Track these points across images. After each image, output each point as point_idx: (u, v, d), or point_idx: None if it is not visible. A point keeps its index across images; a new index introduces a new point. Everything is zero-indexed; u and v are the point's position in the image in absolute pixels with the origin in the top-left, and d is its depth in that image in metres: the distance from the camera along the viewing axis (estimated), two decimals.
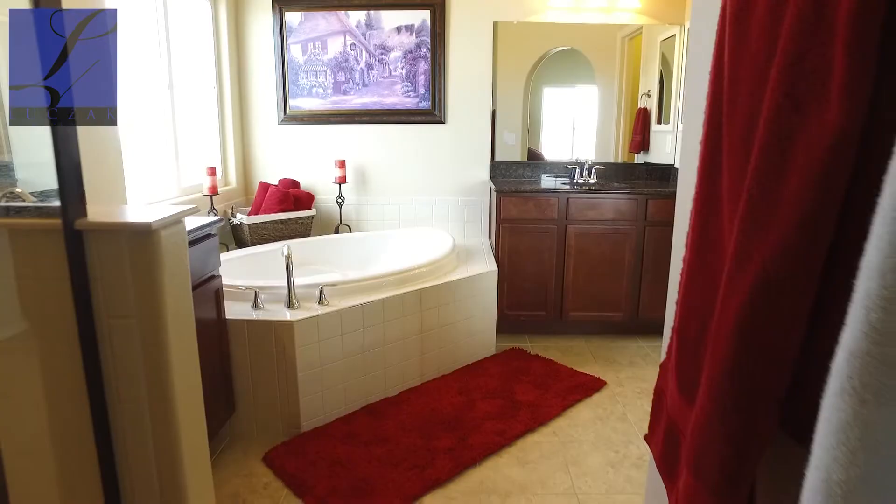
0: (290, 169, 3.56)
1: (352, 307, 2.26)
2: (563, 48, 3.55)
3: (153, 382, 0.92)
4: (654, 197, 3.03)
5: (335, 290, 2.34)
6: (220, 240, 3.10)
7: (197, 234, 1.83)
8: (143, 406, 0.94)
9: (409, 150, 3.53)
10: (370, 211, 3.61)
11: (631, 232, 3.07)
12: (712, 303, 0.65)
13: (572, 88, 3.69)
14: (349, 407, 2.33)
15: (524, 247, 3.09)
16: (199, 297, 1.87)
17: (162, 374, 0.93)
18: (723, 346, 0.55)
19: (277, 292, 2.28)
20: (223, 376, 2.07)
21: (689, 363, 0.75)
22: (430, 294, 2.54)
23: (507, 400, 2.45)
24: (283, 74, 3.42)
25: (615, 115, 3.69)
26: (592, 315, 3.18)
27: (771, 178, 0.51)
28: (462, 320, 2.73)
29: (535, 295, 3.14)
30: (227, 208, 3.27)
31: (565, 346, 3.12)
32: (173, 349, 0.95)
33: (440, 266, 2.74)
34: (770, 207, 0.51)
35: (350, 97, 3.45)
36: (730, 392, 0.54)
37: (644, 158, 3.69)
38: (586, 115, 3.67)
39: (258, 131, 3.53)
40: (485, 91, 3.46)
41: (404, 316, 2.45)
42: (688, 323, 0.76)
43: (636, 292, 3.14)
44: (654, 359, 2.96)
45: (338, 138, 3.52)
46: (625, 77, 3.64)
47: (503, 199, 3.05)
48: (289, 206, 3.25)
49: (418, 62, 3.40)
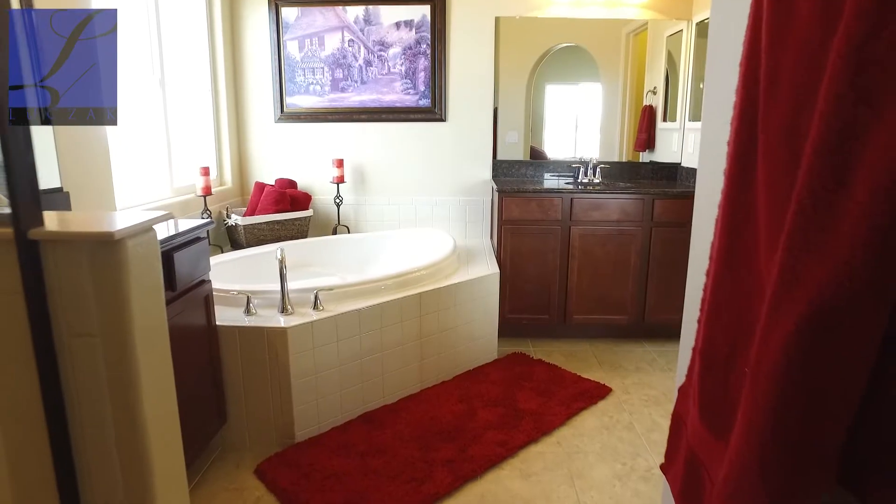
0: (287, 168, 3.48)
1: (348, 313, 2.17)
2: (567, 45, 3.46)
3: (120, 407, 0.84)
4: (661, 197, 2.94)
5: (331, 295, 2.26)
6: (215, 241, 3.03)
7: (185, 237, 1.75)
8: (109, 433, 0.85)
9: (409, 148, 3.44)
10: (369, 211, 3.52)
11: (637, 233, 2.98)
12: (747, 327, 0.56)
13: (575, 86, 3.60)
14: (345, 415, 2.24)
15: (527, 248, 3.00)
16: (188, 303, 1.79)
17: (130, 398, 0.84)
18: (765, 386, 0.46)
19: (271, 297, 2.19)
20: (214, 385, 1.98)
21: (716, 390, 0.67)
22: (430, 298, 2.46)
23: (510, 408, 2.36)
24: (279, 71, 3.34)
25: (619, 112, 3.60)
26: (597, 318, 3.09)
27: (829, 185, 0.42)
28: (463, 325, 2.64)
29: (537, 298, 3.06)
30: (223, 209, 3.18)
31: (569, 350, 3.03)
32: (143, 370, 0.86)
33: (440, 269, 2.65)
34: (827, 221, 0.42)
35: (348, 95, 3.36)
36: (773, 443, 0.45)
37: (649, 157, 3.60)
38: (590, 113, 3.58)
39: (254, 130, 3.44)
40: (486, 88, 3.36)
41: (403, 321, 2.37)
42: (714, 345, 0.68)
43: (642, 295, 3.05)
44: (661, 364, 2.87)
45: (336, 137, 3.43)
46: (629, 74, 3.55)
47: (505, 200, 2.96)
48: (285, 206, 3.16)
49: (418, 59, 3.31)
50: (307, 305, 2.19)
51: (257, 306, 2.18)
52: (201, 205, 2.83)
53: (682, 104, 3.40)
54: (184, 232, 1.74)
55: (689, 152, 3.31)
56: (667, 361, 2.90)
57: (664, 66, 3.51)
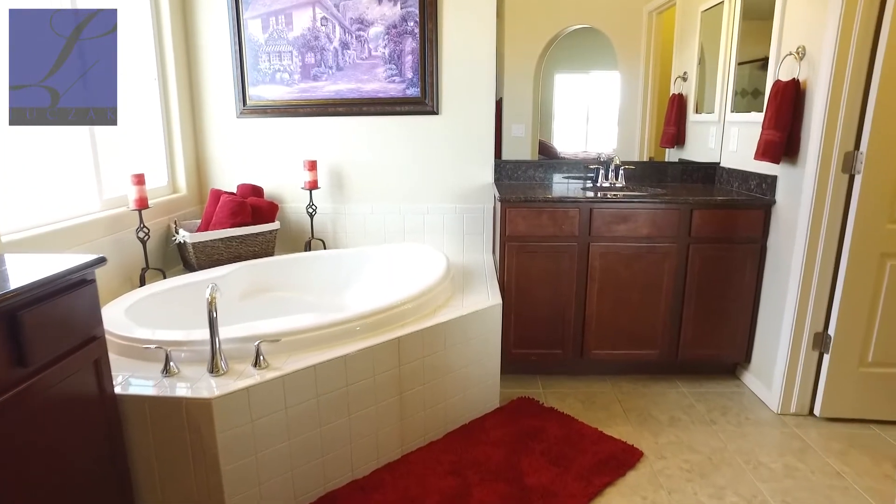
0: (252, 172, 2.96)
1: (300, 371, 1.65)
2: (580, 26, 2.91)
3: None
4: (702, 207, 2.39)
5: (281, 346, 1.74)
6: (163, 263, 2.50)
7: (58, 283, 1.24)
8: None
9: (395, 147, 2.90)
10: (349, 222, 2.99)
11: (671, 250, 2.43)
12: None
13: (588, 74, 3.04)
14: (300, 499, 1.73)
15: (536, 270, 2.46)
16: (71, 368, 1.28)
17: None
18: None
19: (202, 349, 1.68)
20: (115, 471, 1.48)
21: None
22: (413, 342, 1.93)
23: (514, 484, 1.84)
24: (239, 57, 2.80)
25: (640, 103, 3.04)
26: (621, 353, 2.55)
27: None
28: (457, 370, 2.12)
29: (549, 329, 2.52)
30: (172, 221, 2.67)
31: (587, 393, 2.50)
32: None
33: (428, 300, 2.12)
34: None
35: (322, 83, 2.83)
36: None
37: (678, 154, 3.04)
38: (606, 104, 3.03)
39: (212, 127, 2.92)
40: (487, 75, 2.81)
41: (377, 374, 1.84)
42: None
43: (676, 325, 2.51)
44: (701, 413, 2.33)
45: (308, 134, 2.90)
46: (652, 58, 2.99)
47: (509, 211, 2.42)
48: (245, 218, 2.64)
49: (404, 39, 2.76)
50: (248, 359, 1.67)
51: (183, 361, 1.66)
52: (135, 220, 2.31)
53: (721, 92, 2.84)
54: (57, 276, 1.23)
55: (732, 150, 2.75)
56: (707, 409, 2.36)
57: (698, 47, 2.95)
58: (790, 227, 2.23)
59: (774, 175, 2.34)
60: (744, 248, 2.42)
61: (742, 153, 2.63)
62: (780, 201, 2.32)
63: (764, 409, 2.36)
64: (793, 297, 2.20)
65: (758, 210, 2.38)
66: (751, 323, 2.49)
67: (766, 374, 2.40)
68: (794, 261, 2.19)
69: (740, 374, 2.62)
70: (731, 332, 2.51)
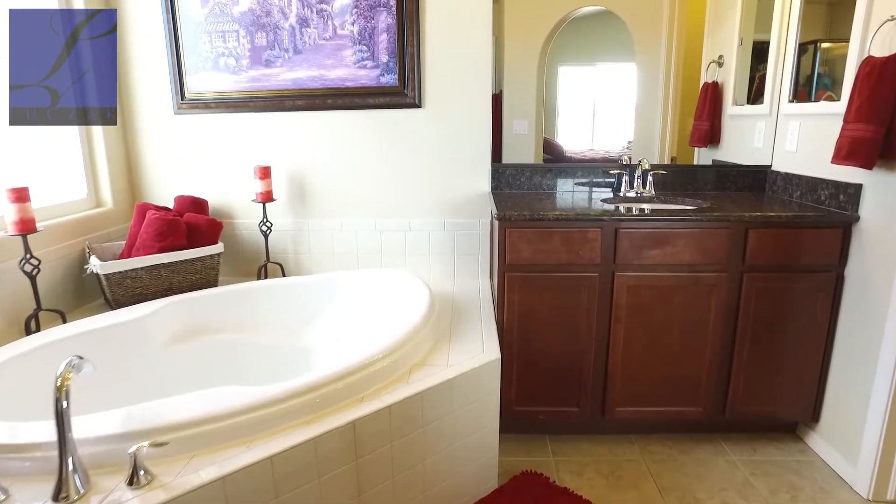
0: (195, 181, 2.41)
1: (202, 487, 1.11)
2: (591, 9, 2.37)
3: None
4: (761, 225, 1.84)
5: (181, 443, 1.19)
6: (80, 297, 1.90)
7: None
8: None
9: (369, 148, 2.36)
10: (313, 241, 2.45)
11: (719, 281, 1.88)
12: None
13: (601, 62, 2.50)
14: None
15: (545, 308, 1.91)
16: None
17: None
18: None
19: (51, 454, 1.13)
20: None
21: None
22: (376, 424, 1.39)
23: None
24: (174, 38, 2.26)
25: (661, 94, 2.50)
26: (653, 411, 2.00)
27: None
28: (440, 451, 1.57)
29: (561, 382, 1.98)
30: (85, 245, 2.13)
31: (611, 462, 1.95)
32: None
33: (398, 359, 1.57)
34: None
35: (276, 70, 2.28)
36: None
37: (711, 155, 2.49)
38: (615, 98, 2.48)
39: (144, 126, 2.37)
40: (483, 60, 2.26)
41: (321, 476, 1.30)
42: None
43: (724, 375, 1.96)
44: (760, 491, 1.78)
45: (261, 134, 2.36)
46: (676, 41, 2.44)
47: (511, 233, 1.87)
48: (177, 240, 2.10)
49: (377, 14, 2.21)
50: (122, 471, 1.13)
51: (26, 473, 1.12)
52: (17, 249, 1.77)
53: (775, 78, 2.28)
54: None
55: (790, 150, 2.20)
56: (770, 489, 1.81)
57: (739, 22, 2.40)
58: (885, 251, 1.68)
59: (858, 183, 1.79)
60: (814, 279, 1.87)
61: (806, 154, 2.08)
62: (865, 217, 1.77)
63: (845, 489, 1.81)
64: (892, 343, 1.65)
65: (834, 229, 1.83)
66: (821, 373, 1.95)
67: (844, 441, 1.85)
68: (893, 297, 1.64)
69: (804, 435, 2.07)
70: (795, 385, 1.96)
